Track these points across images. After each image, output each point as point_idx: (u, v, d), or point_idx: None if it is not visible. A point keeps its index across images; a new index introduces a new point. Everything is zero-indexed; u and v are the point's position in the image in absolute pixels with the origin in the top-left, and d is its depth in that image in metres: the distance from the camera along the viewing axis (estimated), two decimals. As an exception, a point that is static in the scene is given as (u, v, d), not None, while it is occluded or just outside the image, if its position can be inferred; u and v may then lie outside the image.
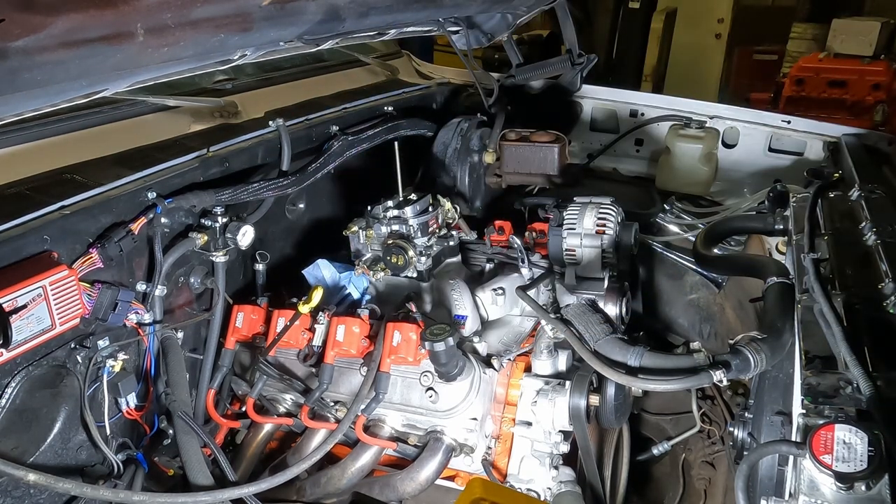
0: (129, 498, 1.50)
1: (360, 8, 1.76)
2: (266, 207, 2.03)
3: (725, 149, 2.81)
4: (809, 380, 1.17)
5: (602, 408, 1.78)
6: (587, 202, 2.06)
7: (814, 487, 1.01)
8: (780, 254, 2.24)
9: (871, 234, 1.59)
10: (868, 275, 1.44)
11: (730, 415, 2.38)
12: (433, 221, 2.09)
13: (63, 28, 1.09)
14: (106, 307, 1.58)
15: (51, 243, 1.48)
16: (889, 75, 6.19)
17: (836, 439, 1.02)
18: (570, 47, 2.80)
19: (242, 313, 1.96)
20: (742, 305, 2.43)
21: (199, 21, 1.32)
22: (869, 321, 1.28)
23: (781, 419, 1.40)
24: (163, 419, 1.84)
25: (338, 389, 1.92)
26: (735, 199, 2.70)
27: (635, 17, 8.21)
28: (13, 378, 1.46)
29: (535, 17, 2.88)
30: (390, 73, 3.05)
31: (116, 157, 1.81)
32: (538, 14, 2.81)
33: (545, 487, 1.85)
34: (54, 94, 1.27)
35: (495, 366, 1.88)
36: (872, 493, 0.98)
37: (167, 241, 1.78)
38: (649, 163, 2.99)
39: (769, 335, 1.51)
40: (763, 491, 1.30)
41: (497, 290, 2.08)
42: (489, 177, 2.64)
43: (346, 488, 1.88)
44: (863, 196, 1.82)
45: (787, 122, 2.69)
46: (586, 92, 2.99)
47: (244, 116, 2.22)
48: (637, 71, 8.19)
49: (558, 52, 3.01)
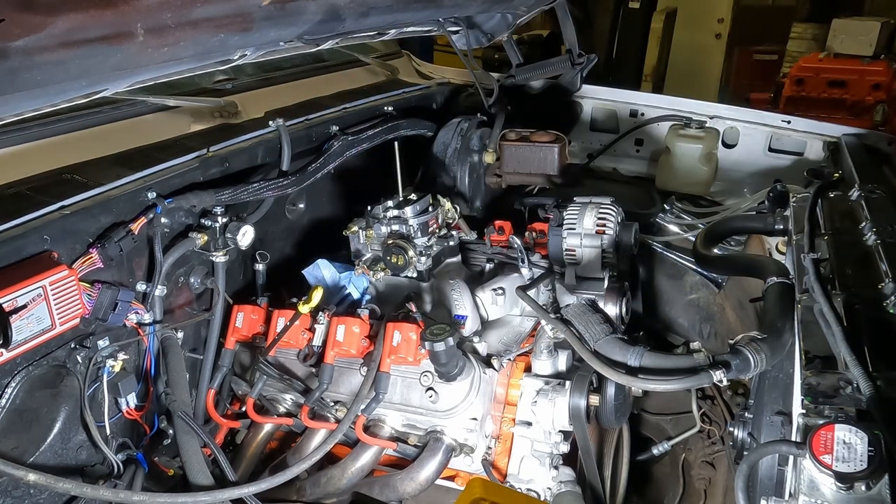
0: (129, 498, 1.50)
1: (360, 8, 1.76)
2: (266, 207, 2.03)
3: (725, 149, 2.81)
4: (809, 380, 1.17)
5: (602, 408, 1.78)
6: (587, 202, 2.05)
7: (814, 487, 1.01)
8: (780, 254, 2.24)
9: (871, 234, 1.58)
10: (868, 275, 1.44)
11: (730, 415, 2.38)
12: (433, 221, 2.09)
13: (63, 28, 1.09)
14: (106, 307, 1.58)
15: (51, 243, 1.48)
16: (889, 75, 6.19)
17: (836, 439, 1.02)
18: (570, 47, 2.80)
19: (242, 313, 1.96)
20: (742, 305, 2.43)
21: (199, 21, 1.32)
22: (869, 321, 1.27)
23: (781, 419, 1.40)
24: (163, 419, 1.84)
25: (338, 389, 1.92)
26: (735, 199, 2.70)
27: (635, 17, 8.21)
28: (13, 378, 1.46)
29: (535, 17, 2.88)
30: (390, 73, 3.04)
31: (116, 157, 1.81)
32: (538, 14, 2.81)
33: (545, 487, 1.85)
34: (54, 94, 1.27)
35: (495, 366, 1.88)
36: (872, 493, 0.98)
37: (167, 241, 1.78)
38: (649, 163, 2.99)
39: (769, 335, 1.51)
40: (763, 491, 1.30)
41: (497, 290, 2.08)
42: (489, 177, 2.64)
43: (346, 488, 1.88)
44: (863, 196, 1.82)
45: (787, 122, 2.69)
46: (586, 92, 2.99)
47: (244, 116, 2.22)
48: (637, 71, 8.19)
49: (558, 52, 3.01)
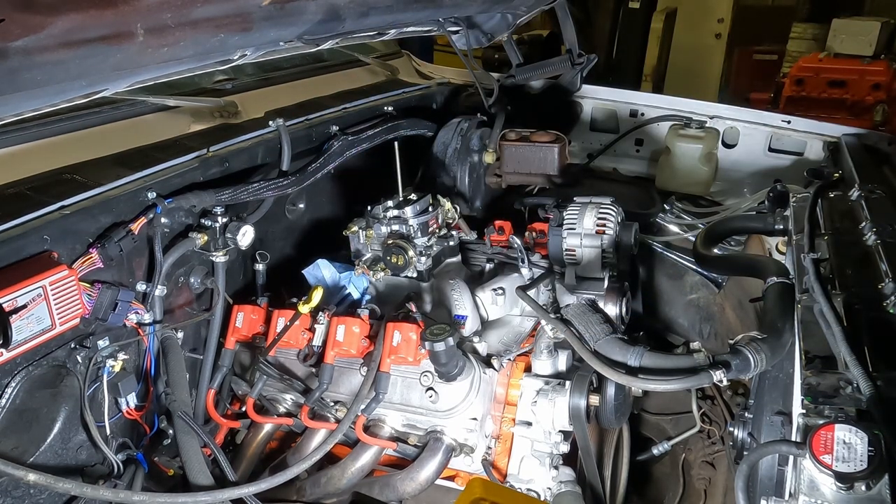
0: (129, 498, 1.50)
1: (360, 8, 1.76)
2: (266, 207, 2.03)
3: (725, 149, 2.81)
4: (809, 380, 1.17)
5: (602, 408, 1.78)
6: (587, 202, 2.05)
7: (814, 487, 1.01)
8: (780, 254, 2.24)
9: (871, 234, 1.58)
10: (868, 275, 1.44)
11: (730, 415, 2.38)
12: (433, 221, 2.09)
13: (63, 28, 1.09)
14: (106, 307, 1.58)
15: (51, 243, 1.48)
16: (889, 75, 6.19)
17: (836, 439, 1.02)
18: (570, 47, 2.80)
19: (242, 313, 1.96)
20: (742, 305, 2.43)
21: (199, 21, 1.32)
22: (869, 321, 1.27)
23: (781, 419, 1.40)
24: (163, 419, 1.84)
25: (338, 389, 1.92)
26: (735, 199, 2.70)
27: (635, 17, 8.21)
28: (13, 378, 1.46)
29: (535, 17, 2.88)
30: (390, 73, 3.04)
31: (116, 157, 1.81)
32: (538, 14, 2.81)
33: (545, 487, 1.85)
34: (54, 94, 1.27)
35: (495, 366, 1.88)
36: (872, 493, 0.98)
37: (167, 241, 1.78)
38: (649, 163, 2.99)
39: (769, 335, 1.51)
40: (763, 491, 1.30)
41: (497, 290, 2.08)
42: (489, 177, 2.64)
43: (346, 488, 1.88)
44: (863, 196, 1.82)
45: (787, 122, 2.69)
46: (586, 92, 2.99)
47: (244, 116, 2.22)
48: (637, 71, 8.19)
49: (558, 52, 3.01)
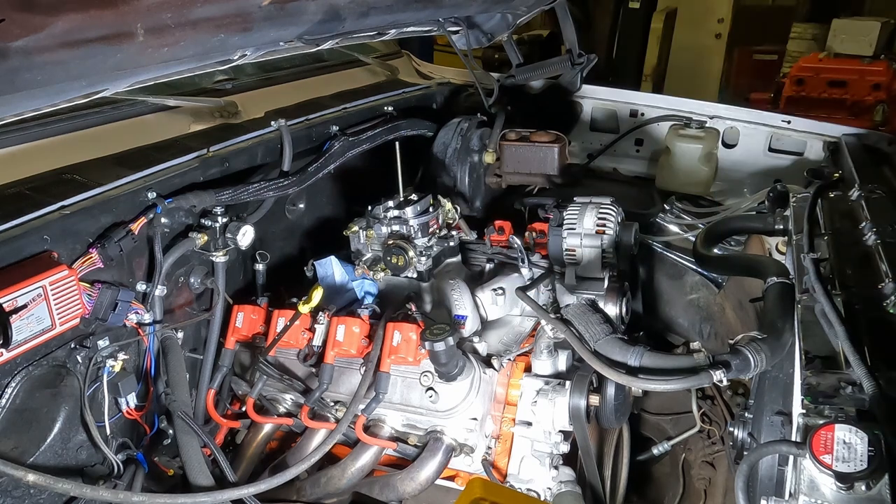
0: (129, 498, 1.50)
1: (360, 8, 1.76)
2: (266, 207, 2.03)
3: (725, 149, 2.80)
4: (809, 380, 1.17)
5: (602, 408, 1.78)
6: (587, 202, 2.05)
7: (814, 487, 1.01)
8: (780, 254, 2.24)
9: (871, 234, 1.58)
10: (868, 275, 1.44)
11: (730, 415, 2.38)
12: (433, 222, 2.09)
13: (63, 28, 1.09)
14: (106, 307, 1.58)
15: (51, 243, 1.48)
16: (889, 75, 6.19)
17: (836, 439, 1.02)
18: (570, 47, 2.80)
19: (242, 313, 1.96)
20: (742, 305, 2.43)
21: (199, 21, 1.32)
22: (869, 321, 1.27)
23: (781, 419, 1.40)
24: (163, 419, 1.85)
25: (338, 389, 1.92)
26: (735, 199, 2.70)
27: (635, 17, 8.20)
28: (13, 378, 1.46)
29: (535, 17, 2.88)
30: (390, 73, 3.04)
31: (116, 157, 1.81)
32: (538, 14, 2.80)
33: (545, 487, 1.85)
34: (54, 94, 1.27)
35: (495, 366, 1.88)
36: (872, 493, 0.98)
37: (167, 241, 1.78)
38: (649, 163, 2.98)
39: (769, 335, 1.51)
40: (763, 491, 1.30)
41: (497, 290, 2.07)
42: (489, 177, 2.64)
43: (346, 488, 1.88)
44: (863, 196, 1.82)
45: (787, 122, 2.69)
46: (586, 92, 2.98)
47: (244, 116, 2.22)
48: (637, 71, 8.18)
49: (558, 52, 3.01)
